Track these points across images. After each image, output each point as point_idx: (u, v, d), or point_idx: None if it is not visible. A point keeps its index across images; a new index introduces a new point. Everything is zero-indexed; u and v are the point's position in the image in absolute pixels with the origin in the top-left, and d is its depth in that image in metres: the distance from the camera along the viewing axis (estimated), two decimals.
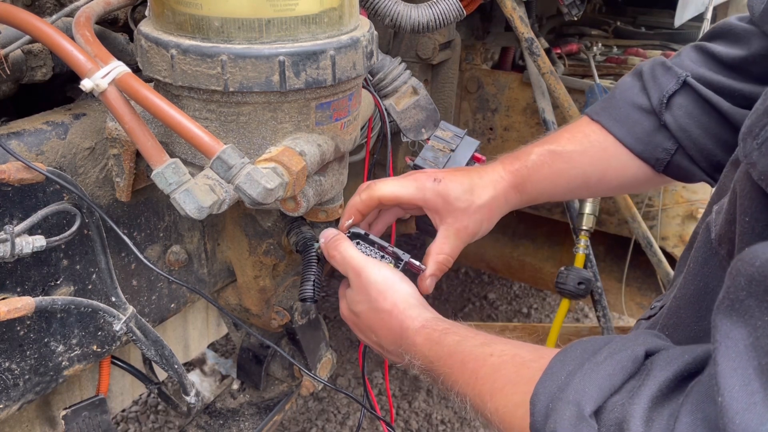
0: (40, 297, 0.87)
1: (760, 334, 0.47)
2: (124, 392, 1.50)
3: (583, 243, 1.78)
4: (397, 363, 0.97)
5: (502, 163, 1.04)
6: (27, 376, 0.92)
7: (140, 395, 2.57)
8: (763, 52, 0.93)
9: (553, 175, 1.05)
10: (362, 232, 1.01)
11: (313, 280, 1.03)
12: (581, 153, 1.05)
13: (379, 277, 0.93)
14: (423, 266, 0.99)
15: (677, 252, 2.06)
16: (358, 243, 1.01)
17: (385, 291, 0.92)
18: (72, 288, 0.95)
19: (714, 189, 0.88)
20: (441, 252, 1.00)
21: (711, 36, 1.03)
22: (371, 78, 1.25)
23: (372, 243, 1.01)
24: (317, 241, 1.09)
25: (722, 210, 0.71)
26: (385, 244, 1.01)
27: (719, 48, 0.99)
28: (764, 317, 0.48)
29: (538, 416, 0.63)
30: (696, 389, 0.54)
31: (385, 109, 1.24)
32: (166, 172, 0.75)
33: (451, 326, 0.86)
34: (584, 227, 1.79)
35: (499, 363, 0.75)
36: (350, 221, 1.01)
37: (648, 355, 0.63)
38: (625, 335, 0.67)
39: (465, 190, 0.99)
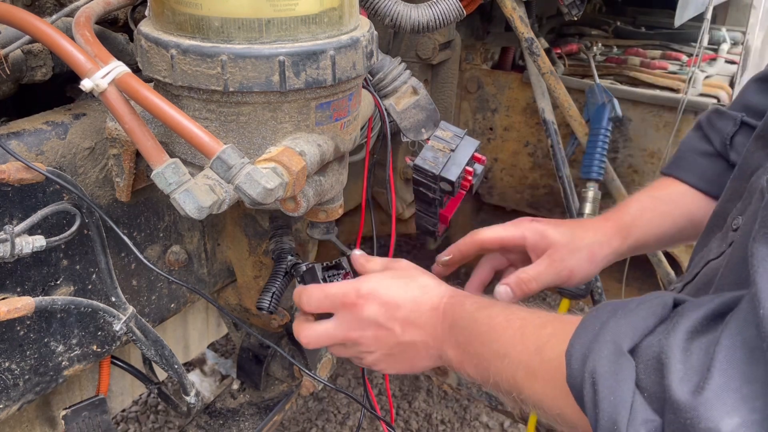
0: (40, 297, 0.87)
1: None
2: (124, 392, 1.50)
3: None
4: (408, 349, 0.91)
5: (603, 216, 1.08)
6: (27, 376, 0.92)
7: (140, 395, 2.57)
8: None
9: (658, 218, 1.09)
10: (305, 268, 1.02)
11: (273, 292, 1.08)
12: (676, 200, 1.09)
13: (413, 264, 0.95)
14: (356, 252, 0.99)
15: (677, 252, 2.06)
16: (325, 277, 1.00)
17: (424, 272, 0.94)
18: (72, 288, 0.95)
19: (738, 165, 0.92)
20: (525, 271, 1.01)
21: None
22: (371, 78, 1.24)
23: (323, 277, 1.00)
24: (293, 255, 1.13)
25: None
26: (328, 271, 1.01)
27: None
28: None
29: (575, 365, 0.65)
30: (734, 317, 0.56)
31: (385, 109, 1.24)
32: (166, 172, 0.75)
33: (499, 301, 0.89)
34: None
35: (545, 322, 0.77)
36: (446, 258, 1.05)
37: (676, 304, 0.65)
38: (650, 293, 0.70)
39: (564, 232, 1.03)
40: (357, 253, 0.99)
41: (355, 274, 1.00)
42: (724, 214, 0.90)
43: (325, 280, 0.99)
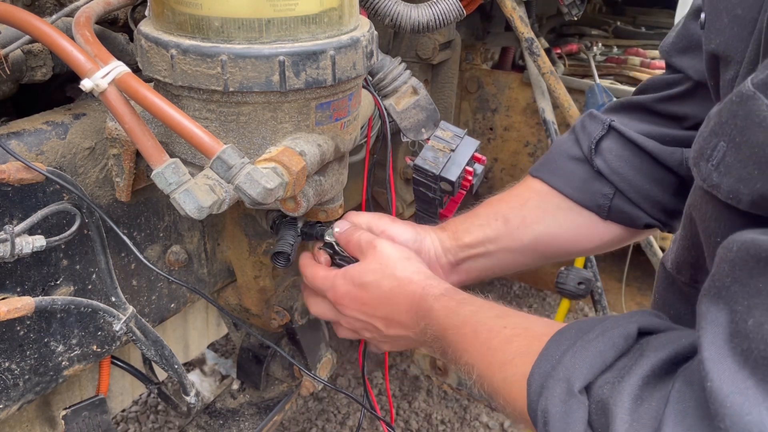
0: (40, 297, 0.86)
1: (740, 318, 0.48)
2: (124, 392, 1.50)
3: None
4: (399, 339, 0.95)
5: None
6: (27, 376, 0.92)
7: (140, 395, 2.57)
8: (678, 93, 0.97)
9: (483, 216, 1.08)
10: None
11: (289, 241, 1.03)
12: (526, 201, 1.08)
13: (396, 249, 0.95)
14: None
15: None
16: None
17: (405, 260, 0.94)
18: (72, 288, 0.95)
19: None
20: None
21: (634, 93, 1.08)
22: (371, 78, 1.25)
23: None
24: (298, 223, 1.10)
25: (676, 239, 0.73)
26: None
27: (639, 98, 1.03)
28: (746, 301, 0.48)
29: (533, 396, 0.64)
30: (685, 374, 0.54)
31: (385, 109, 1.24)
32: (166, 172, 0.75)
33: (468, 297, 0.86)
34: None
35: (512, 335, 0.75)
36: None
37: (642, 332, 0.63)
38: (621, 314, 0.68)
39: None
40: (336, 230, 1.02)
41: None
42: None
43: None
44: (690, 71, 0.94)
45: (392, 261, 0.93)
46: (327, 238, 1.03)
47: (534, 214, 1.05)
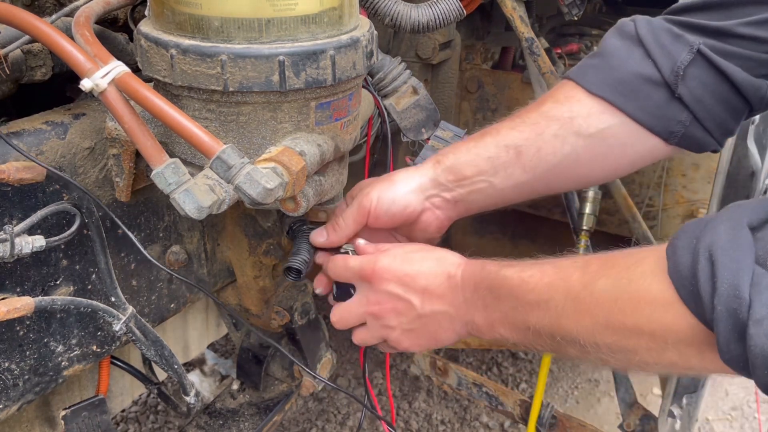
0: (40, 297, 0.86)
1: None
2: (124, 392, 1.50)
3: (583, 243, 1.77)
4: (439, 339, 0.93)
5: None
6: (26, 376, 0.92)
7: (140, 395, 2.57)
8: (753, 19, 0.91)
9: (481, 144, 1.02)
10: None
11: (304, 257, 1.03)
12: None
13: (402, 249, 0.95)
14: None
15: None
16: None
17: (421, 250, 0.95)
18: (71, 288, 0.95)
19: None
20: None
21: (685, 9, 0.98)
22: (371, 78, 1.24)
23: None
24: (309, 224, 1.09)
25: None
26: None
27: (724, 23, 0.93)
28: None
29: (681, 252, 0.62)
30: None
31: (385, 109, 1.24)
32: (165, 172, 0.75)
33: (500, 263, 0.88)
34: (584, 227, 1.78)
35: (585, 261, 0.76)
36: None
37: None
38: None
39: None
40: (361, 243, 0.99)
41: None
42: None
43: None
44: None
45: (429, 246, 0.94)
46: (343, 248, 1.04)
47: (616, 151, 1.00)
